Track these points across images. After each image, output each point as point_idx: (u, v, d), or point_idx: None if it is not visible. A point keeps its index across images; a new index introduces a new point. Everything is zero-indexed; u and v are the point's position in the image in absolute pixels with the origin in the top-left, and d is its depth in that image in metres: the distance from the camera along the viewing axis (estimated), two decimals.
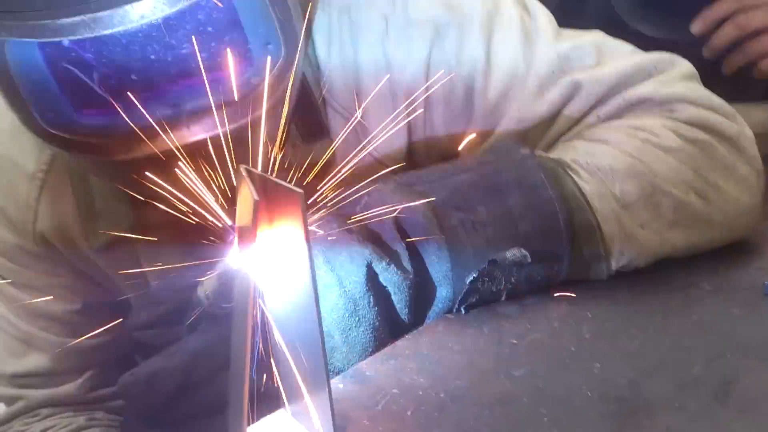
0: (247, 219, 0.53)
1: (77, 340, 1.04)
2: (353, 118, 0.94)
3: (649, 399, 0.60)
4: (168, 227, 0.92)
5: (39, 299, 1.03)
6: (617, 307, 0.76)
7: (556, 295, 0.77)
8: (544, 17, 0.95)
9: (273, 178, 0.53)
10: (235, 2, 0.73)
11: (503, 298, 0.76)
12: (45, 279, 1.03)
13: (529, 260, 0.74)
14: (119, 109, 0.72)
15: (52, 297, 1.03)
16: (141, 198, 0.85)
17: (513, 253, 0.74)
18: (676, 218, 0.81)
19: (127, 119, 0.71)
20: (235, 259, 0.60)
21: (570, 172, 0.80)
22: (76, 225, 0.98)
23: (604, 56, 0.93)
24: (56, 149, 0.81)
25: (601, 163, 0.81)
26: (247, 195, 0.53)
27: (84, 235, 0.99)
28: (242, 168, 0.54)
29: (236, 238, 0.58)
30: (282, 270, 0.56)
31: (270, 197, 0.54)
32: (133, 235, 0.87)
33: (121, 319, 1.02)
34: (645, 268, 0.80)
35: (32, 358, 1.05)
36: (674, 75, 0.91)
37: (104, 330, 1.05)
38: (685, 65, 0.92)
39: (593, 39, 0.94)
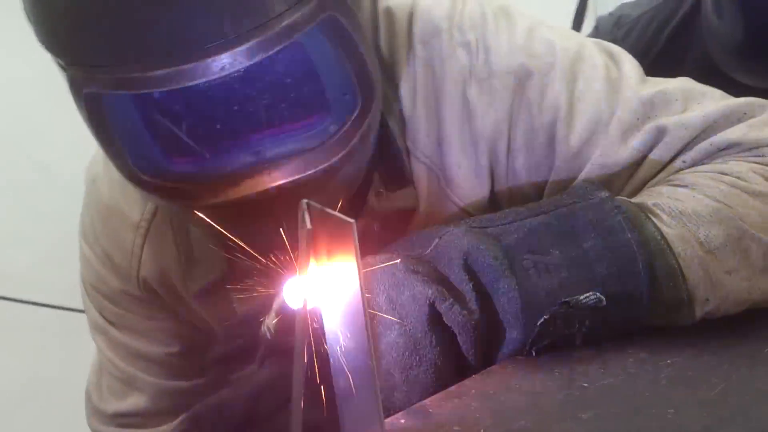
0: (302, 249, 0.55)
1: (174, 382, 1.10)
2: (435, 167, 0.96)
3: None
4: (256, 270, 0.97)
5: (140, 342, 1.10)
6: (700, 355, 0.72)
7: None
8: (630, 64, 0.95)
9: (328, 210, 0.55)
10: (311, 55, 0.78)
11: (578, 343, 0.74)
12: (146, 323, 1.09)
13: (604, 303, 0.72)
14: (205, 157, 0.78)
15: (152, 339, 1.09)
16: (231, 241, 0.91)
17: (587, 296, 0.72)
18: (767, 264, 0.77)
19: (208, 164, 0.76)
20: (290, 292, 0.62)
21: (651, 216, 0.78)
22: (176, 271, 1.04)
23: (690, 101, 0.91)
24: (149, 199, 0.87)
25: (684, 207, 0.79)
26: (303, 229, 0.56)
27: (183, 282, 1.04)
28: (303, 202, 0.57)
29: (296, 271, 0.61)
30: (339, 301, 0.58)
31: (328, 231, 0.57)
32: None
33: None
34: (733, 317, 0.76)
35: (132, 399, 1.11)
36: (765, 119, 0.87)
37: (203, 371, 1.10)
38: None
39: (680, 84, 0.93)
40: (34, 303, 2.14)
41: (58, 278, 2.11)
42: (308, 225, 0.53)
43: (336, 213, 0.54)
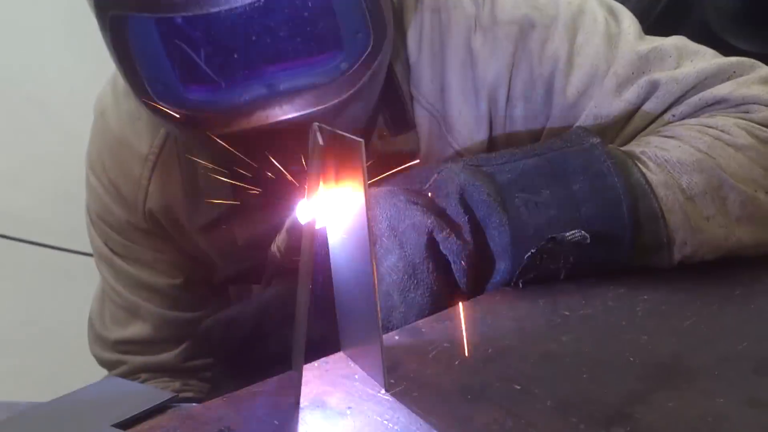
0: (313, 168, 0.59)
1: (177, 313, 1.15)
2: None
3: (689, 367, 0.62)
4: (260, 203, 1.01)
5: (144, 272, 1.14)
6: (675, 293, 0.77)
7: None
8: (629, 20, 0.99)
9: (338, 131, 0.59)
10: None
11: (562, 277, 0.79)
12: (151, 254, 1.14)
13: (589, 241, 0.77)
14: (220, 86, 0.81)
15: (156, 270, 1.14)
16: (238, 174, 0.95)
17: (573, 234, 0.77)
18: (743, 214, 0.81)
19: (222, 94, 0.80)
20: (302, 211, 0.67)
21: (638, 163, 0.83)
22: (181, 205, 1.08)
23: (684, 59, 0.95)
24: (164, 125, 0.91)
25: (669, 156, 0.83)
26: (314, 149, 0.60)
27: (188, 215, 1.08)
28: (315, 124, 0.61)
29: (305, 191, 0.65)
30: (345, 222, 0.62)
31: (337, 152, 0.61)
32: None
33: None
34: (709, 263, 0.81)
35: (135, 327, 1.16)
36: (753, 78, 0.92)
37: (203, 304, 1.15)
38: (765, 70, 0.93)
39: (675, 42, 0.97)
40: (33, 243, 2.17)
41: (57, 219, 2.14)
42: (321, 142, 0.57)
43: (345, 134, 0.58)
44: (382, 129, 1.01)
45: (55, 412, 0.58)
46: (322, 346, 0.67)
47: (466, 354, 0.65)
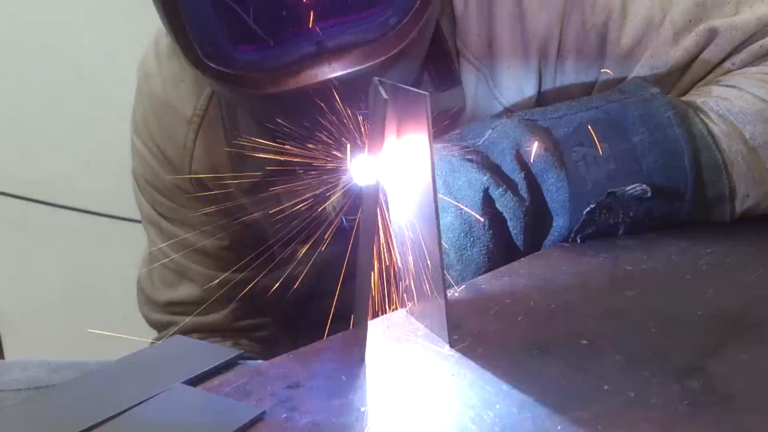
0: (376, 122, 0.58)
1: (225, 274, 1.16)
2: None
3: (759, 321, 0.60)
4: (306, 165, 1.00)
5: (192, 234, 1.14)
6: (739, 246, 0.76)
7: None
8: None
9: (401, 85, 0.58)
10: None
11: (621, 232, 0.78)
12: (198, 216, 1.14)
13: (650, 195, 0.75)
14: (269, 45, 0.80)
15: (203, 232, 1.14)
16: (284, 136, 0.94)
17: (633, 188, 0.75)
18: None
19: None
20: (360, 171, 0.66)
21: (699, 114, 0.80)
22: (226, 167, 1.08)
23: (743, 4, 0.91)
24: (213, 86, 0.90)
25: (731, 106, 0.81)
26: (376, 106, 0.59)
27: (233, 177, 1.08)
28: (375, 78, 0.60)
29: (365, 147, 0.64)
30: (407, 179, 0.61)
31: (399, 107, 0.60)
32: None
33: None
34: None
35: (184, 288, 1.17)
36: None
37: (249, 266, 1.15)
38: None
39: None
40: (70, 208, 2.20)
41: (94, 185, 2.17)
42: (384, 95, 0.56)
43: (409, 87, 0.57)
44: (428, 85, 0.99)
45: (124, 370, 0.59)
46: (383, 306, 0.67)
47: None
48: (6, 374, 0.61)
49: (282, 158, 1.02)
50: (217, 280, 1.16)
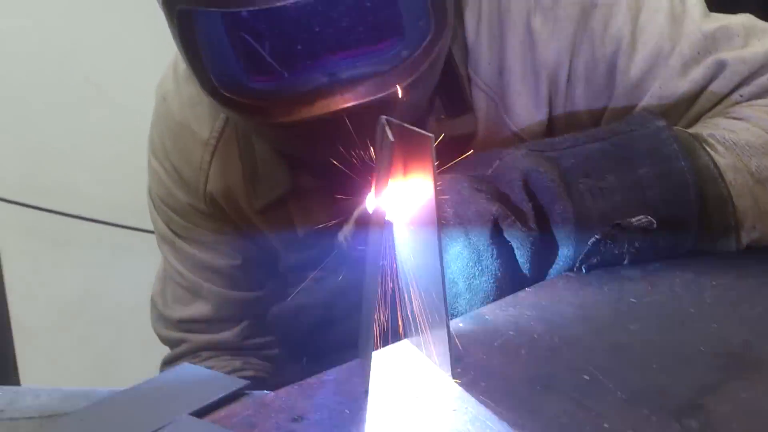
0: (383, 162, 0.60)
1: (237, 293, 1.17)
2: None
3: (761, 357, 0.61)
4: (318, 189, 1.02)
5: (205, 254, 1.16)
6: (744, 279, 0.76)
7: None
8: None
9: (406, 125, 0.59)
10: None
11: (626, 262, 0.78)
12: (211, 236, 1.16)
13: (655, 226, 0.76)
14: (283, 75, 0.82)
15: (217, 252, 1.16)
16: (297, 161, 0.96)
17: (639, 219, 0.76)
18: None
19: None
20: (370, 203, 0.67)
21: (705, 146, 0.81)
22: (240, 188, 1.10)
23: (751, 38, 0.92)
24: (228, 114, 0.92)
25: (738, 138, 0.81)
26: (383, 143, 0.60)
27: (247, 198, 1.10)
28: (382, 118, 0.61)
29: (373, 183, 0.65)
30: (412, 212, 0.62)
31: (405, 146, 0.61)
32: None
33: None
34: None
35: (197, 306, 1.19)
36: None
37: (262, 284, 1.17)
38: None
39: (742, 21, 0.94)
40: (88, 219, 2.23)
41: (111, 196, 2.20)
42: (390, 137, 0.57)
43: (414, 128, 0.58)
44: (439, 112, 1.01)
45: (133, 400, 0.60)
46: (387, 335, 0.68)
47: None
48: (20, 401, 0.63)
49: (295, 187, 1.05)
50: (229, 299, 1.18)
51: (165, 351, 1.25)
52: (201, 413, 0.58)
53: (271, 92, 0.84)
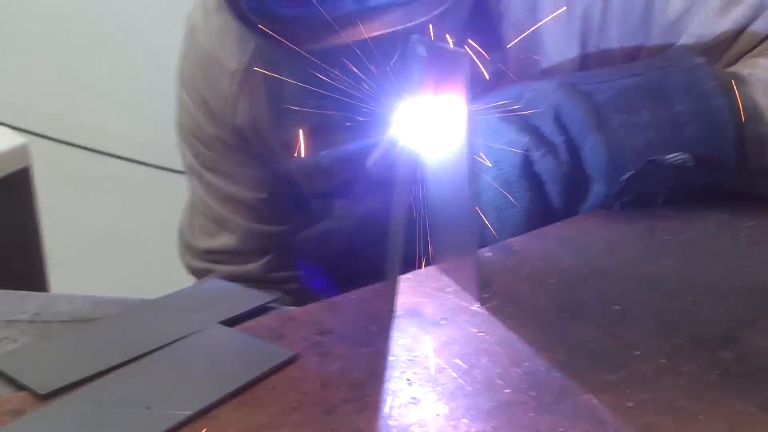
0: (414, 81, 0.59)
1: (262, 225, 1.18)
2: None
3: None
4: (345, 120, 1.01)
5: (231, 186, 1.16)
6: None
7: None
8: None
9: (440, 42, 0.58)
10: None
11: (660, 201, 0.77)
12: (238, 169, 1.15)
13: (691, 164, 0.74)
14: (312, 1, 0.80)
15: (243, 185, 1.16)
16: (323, 92, 0.94)
17: (674, 156, 0.74)
18: None
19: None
20: (399, 127, 0.66)
21: (745, 85, 0.78)
22: (267, 120, 1.09)
23: None
24: (256, 41, 0.90)
25: None
26: (414, 63, 0.59)
27: (273, 130, 1.09)
28: (414, 35, 0.60)
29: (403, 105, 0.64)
30: (442, 137, 0.61)
31: (437, 64, 0.60)
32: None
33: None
34: None
35: (222, 238, 1.19)
36: None
37: (287, 218, 1.17)
38: None
39: None
40: (114, 156, 2.24)
41: (139, 134, 2.21)
42: (423, 53, 0.56)
43: (447, 45, 0.57)
44: (470, 48, 0.98)
45: (164, 308, 0.61)
46: (414, 260, 0.67)
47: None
48: (53, 306, 0.64)
49: (321, 119, 1.04)
50: (254, 231, 1.19)
51: (189, 283, 1.26)
52: (230, 323, 0.58)
53: (299, 18, 0.82)
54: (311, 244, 0.78)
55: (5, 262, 1.07)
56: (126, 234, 2.32)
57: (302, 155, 1.09)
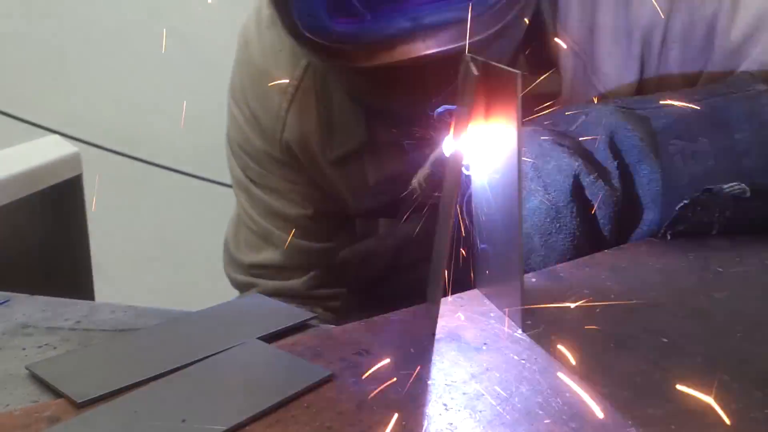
0: (465, 101, 0.58)
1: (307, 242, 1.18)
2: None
3: None
4: (393, 141, 1.01)
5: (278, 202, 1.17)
6: None
7: None
8: None
9: (492, 63, 0.57)
10: None
11: (714, 231, 0.74)
12: (285, 184, 1.16)
13: (748, 195, 0.72)
14: (366, 18, 0.80)
15: (289, 201, 1.16)
16: (373, 111, 0.94)
17: (732, 186, 0.72)
18: None
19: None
20: (448, 146, 0.65)
21: None
22: (316, 137, 1.09)
23: None
24: (309, 57, 0.91)
25: None
26: (466, 83, 0.58)
27: (321, 148, 1.09)
28: (467, 55, 0.59)
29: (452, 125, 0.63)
30: (492, 158, 0.60)
31: (489, 84, 0.59)
32: None
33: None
34: None
35: (267, 253, 1.19)
36: None
37: (331, 236, 1.17)
38: None
39: None
40: (164, 167, 2.28)
41: (189, 146, 2.25)
42: (475, 72, 0.55)
43: (500, 65, 0.56)
44: (523, 69, 0.97)
45: (204, 321, 0.61)
46: (456, 283, 0.66)
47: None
48: (96, 314, 0.65)
49: (370, 137, 1.04)
50: (299, 248, 1.19)
51: (233, 296, 1.27)
52: (269, 339, 0.58)
53: (353, 35, 0.82)
54: (353, 262, 0.78)
55: (53, 268, 1.10)
56: (172, 245, 2.36)
57: (349, 174, 1.10)
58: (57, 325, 0.63)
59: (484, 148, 0.61)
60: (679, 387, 0.50)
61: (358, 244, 0.79)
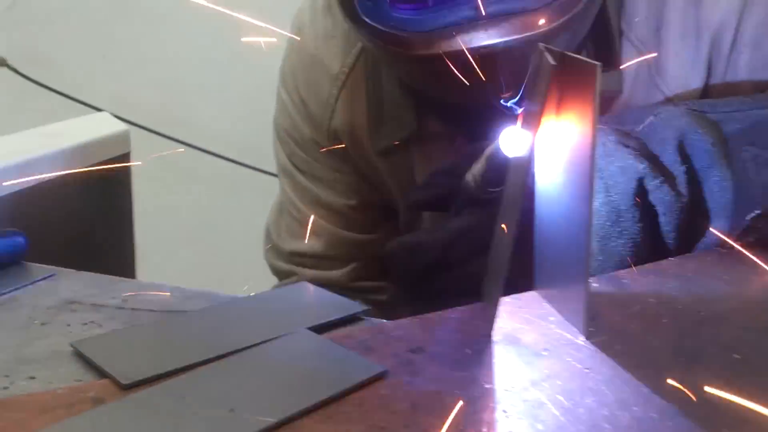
0: (537, 92, 0.55)
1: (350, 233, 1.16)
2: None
3: None
4: (444, 134, 0.98)
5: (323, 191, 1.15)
6: None
7: None
8: None
9: (569, 53, 0.54)
10: None
11: None
12: (330, 173, 1.14)
13: None
14: (426, 5, 0.78)
15: (334, 190, 1.15)
16: (425, 102, 0.92)
17: None
18: None
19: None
20: (508, 142, 0.63)
21: None
22: (364, 127, 1.07)
23: None
24: (366, 43, 0.89)
25: None
26: (539, 74, 0.55)
27: (369, 138, 1.07)
28: (541, 45, 0.56)
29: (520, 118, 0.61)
30: (560, 155, 0.57)
31: (563, 77, 0.56)
32: None
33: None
34: None
35: (309, 241, 1.17)
36: None
37: (375, 228, 1.15)
38: None
39: None
40: (210, 152, 2.28)
41: (236, 132, 2.24)
42: (551, 61, 0.52)
43: (578, 56, 0.53)
44: None
45: (252, 307, 0.59)
46: (514, 283, 0.63)
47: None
48: (143, 294, 0.63)
49: (420, 129, 1.01)
50: (341, 238, 1.17)
51: (272, 283, 1.26)
52: (318, 330, 0.56)
53: (412, 22, 0.80)
54: (400, 254, 0.75)
55: (98, 245, 1.09)
56: (213, 230, 2.36)
57: (397, 165, 1.08)
58: (103, 303, 0.62)
59: (552, 145, 0.58)
60: (755, 407, 0.47)
61: (406, 236, 0.76)
